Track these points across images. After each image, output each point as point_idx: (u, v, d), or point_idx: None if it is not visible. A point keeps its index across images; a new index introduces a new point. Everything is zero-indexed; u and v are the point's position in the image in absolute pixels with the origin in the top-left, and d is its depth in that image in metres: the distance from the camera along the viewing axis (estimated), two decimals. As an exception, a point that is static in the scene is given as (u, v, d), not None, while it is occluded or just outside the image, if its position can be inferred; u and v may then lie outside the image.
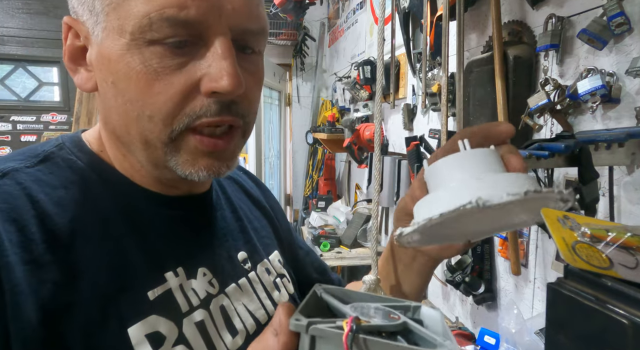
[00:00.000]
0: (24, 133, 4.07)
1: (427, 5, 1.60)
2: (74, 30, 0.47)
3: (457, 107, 1.35)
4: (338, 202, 3.46)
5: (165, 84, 0.43)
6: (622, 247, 0.52)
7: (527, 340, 1.13)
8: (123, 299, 0.44)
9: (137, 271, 0.46)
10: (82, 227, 0.45)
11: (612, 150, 0.85)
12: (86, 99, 2.46)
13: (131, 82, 0.43)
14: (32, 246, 0.41)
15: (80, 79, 0.48)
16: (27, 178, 0.45)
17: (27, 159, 0.48)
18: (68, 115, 4.11)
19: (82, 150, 0.51)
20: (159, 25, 0.41)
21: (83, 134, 0.54)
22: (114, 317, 0.43)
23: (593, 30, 0.95)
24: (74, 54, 0.48)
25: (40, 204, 0.43)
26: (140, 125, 0.44)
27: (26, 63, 4.03)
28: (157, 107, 0.43)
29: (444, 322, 0.36)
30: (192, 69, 0.43)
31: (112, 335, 0.42)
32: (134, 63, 0.42)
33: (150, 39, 0.41)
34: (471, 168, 0.36)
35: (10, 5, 3.92)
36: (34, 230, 0.42)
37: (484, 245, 1.45)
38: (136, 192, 0.51)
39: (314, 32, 4.20)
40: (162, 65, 0.42)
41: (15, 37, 3.95)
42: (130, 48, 0.42)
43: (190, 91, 0.43)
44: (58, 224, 0.43)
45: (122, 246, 0.46)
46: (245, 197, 0.70)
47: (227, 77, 0.42)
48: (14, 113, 4.04)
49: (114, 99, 0.45)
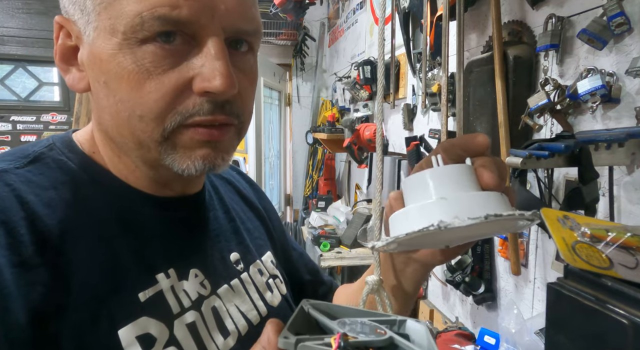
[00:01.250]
0: (24, 133, 4.07)
1: (427, 5, 1.60)
2: (66, 30, 0.47)
3: (457, 107, 1.35)
4: (338, 202, 3.46)
5: (157, 83, 0.42)
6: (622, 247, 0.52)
7: (527, 340, 1.13)
8: (114, 301, 0.43)
9: (128, 273, 0.46)
10: (72, 229, 0.44)
11: (612, 150, 0.85)
12: (86, 99, 2.46)
13: (123, 82, 0.42)
14: (21, 248, 0.40)
15: (72, 79, 0.48)
16: (16, 179, 0.44)
17: (17, 159, 0.47)
18: (68, 115, 4.11)
19: (73, 150, 0.50)
20: (150, 24, 0.40)
21: (74, 135, 0.53)
22: (105, 319, 0.42)
23: (593, 30, 0.95)
24: (65, 54, 0.47)
25: (29, 205, 0.43)
26: (132, 125, 0.44)
27: (26, 63, 4.04)
28: (148, 106, 0.43)
29: (430, 335, 0.36)
30: (185, 69, 0.43)
31: (103, 336, 0.42)
32: (126, 62, 0.42)
33: (142, 38, 0.41)
34: (441, 186, 0.37)
35: (10, 5, 3.92)
36: (23, 232, 0.41)
37: (484, 245, 1.46)
38: (128, 193, 0.50)
39: (314, 32, 4.20)
40: (154, 65, 0.42)
41: (15, 37, 3.95)
42: (122, 47, 0.42)
43: (182, 90, 0.43)
44: (48, 225, 0.43)
45: (114, 247, 0.46)
46: (238, 198, 0.70)
47: (220, 77, 0.42)
48: (14, 113, 4.04)
49: (105, 99, 0.44)
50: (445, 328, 1.58)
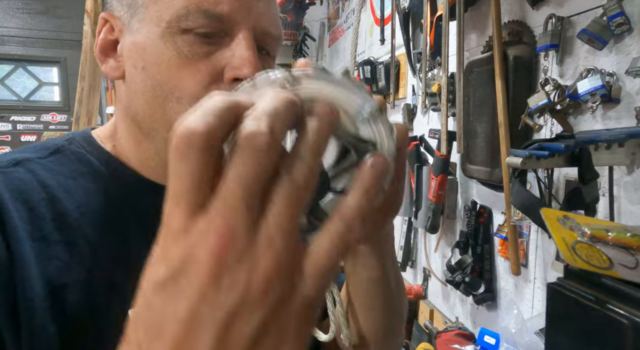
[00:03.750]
0: (24, 133, 4.08)
1: (427, 5, 1.60)
2: (109, 25, 0.51)
3: (457, 107, 1.35)
4: (338, 202, 3.46)
5: (193, 70, 0.46)
6: (622, 247, 0.52)
7: (527, 340, 1.13)
8: (125, 287, 0.45)
9: (139, 264, 0.47)
10: (89, 215, 0.47)
11: (612, 150, 0.85)
12: (86, 99, 2.46)
13: (162, 66, 0.47)
14: (42, 224, 0.44)
15: (109, 68, 0.51)
16: (38, 167, 0.48)
17: (39, 151, 0.51)
18: (68, 115, 4.12)
19: (92, 144, 0.54)
20: (195, 16, 0.45)
21: (93, 131, 0.56)
22: (117, 302, 0.45)
23: (593, 30, 0.95)
24: (105, 47, 0.52)
25: (50, 188, 0.47)
26: (167, 107, 0.47)
27: (26, 63, 4.04)
28: (186, 89, 0.46)
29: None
30: (218, 58, 0.47)
31: (116, 317, 0.43)
32: (167, 49, 0.46)
33: (184, 28, 0.46)
34: None
35: (10, 5, 3.92)
36: (44, 211, 0.45)
37: (484, 245, 1.46)
38: (145, 185, 0.53)
39: (314, 32, 4.20)
40: (192, 52, 0.46)
41: (15, 37, 3.95)
42: (164, 35, 0.46)
43: (215, 78, 0.47)
44: (67, 208, 0.46)
45: (127, 236, 0.49)
46: None
47: (249, 65, 0.46)
48: (14, 113, 4.04)
49: (142, 83, 0.48)
50: (445, 328, 1.58)
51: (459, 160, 1.57)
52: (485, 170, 1.33)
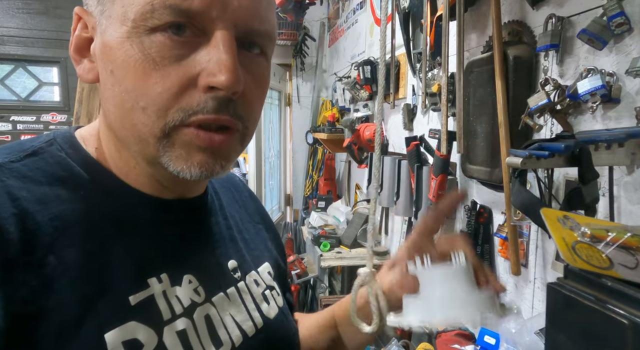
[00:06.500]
0: (24, 133, 4.07)
1: (427, 5, 1.60)
2: (83, 21, 0.47)
3: (457, 107, 1.35)
4: (338, 202, 3.46)
5: (162, 75, 0.42)
6: (622, 247, 0.52)
7: (527, 340, 1.13)
8: (102, 303, 0.42)
9: (119, 274, 0.44)
10: (64, 227, 0.42)
11: (612, 150, 0.85)
12: (86, 99, 2.46)
13: (129, 71, 0.42)
14: (8, 246, 0.39)
15: (82, 69, 0.47)
16: (9, 174, 0.43)
17: (14, 153, 0.46)
18: (68, 115, 4.11)
19: (73, 147, 0.49)
20: (160, 12, 0.40)
21: (77, 131, 0.52)
22: (92, 321, 0.40)
23: (593, 30, 0.95)
24: (80, 45, 0.47)
25: (20, 201, 0.41)
26: (134, 117, 0.43)
27: (26, 63, 4.04)
28: (152, 98, 0.42)
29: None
30: (191, 63, 0.42)
31: (88, 340, 0.40)
32: (133, 51, 0.41)
33: (151, 27, 0.41)
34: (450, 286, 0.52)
35: (10, 5, 3.92)
36: (12, 230, 0.39)
37: (484, 246, 1.46)
38: (127, 193, 0.49)
39: (314, 32, 4.19)
40: (160, 55, 0.41)
41: (15, 37, 3.95)
42: (130, 36, 0.42)
43: (187, 85, 0.42)
44: (39, 222, 0.41)
45: (107, 248, 0.44)
46: (238, 207, 0.68)
47: (225, 71, 0.41)
48: (14, 113, 4.04)
49: (111, 88, 0.44)
50: (445, 328, 1.58)
51: (459, 160, 1.57)
52: (485, 170, 1.33)
